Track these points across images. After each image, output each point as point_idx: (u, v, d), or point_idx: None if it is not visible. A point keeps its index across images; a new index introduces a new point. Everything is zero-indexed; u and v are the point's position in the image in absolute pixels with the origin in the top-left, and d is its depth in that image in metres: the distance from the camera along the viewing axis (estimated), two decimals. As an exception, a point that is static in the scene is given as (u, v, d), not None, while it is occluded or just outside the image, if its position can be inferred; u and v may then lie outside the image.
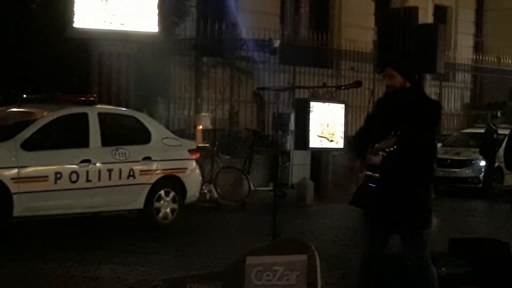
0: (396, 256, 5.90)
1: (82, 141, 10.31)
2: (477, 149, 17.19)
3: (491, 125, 17.08)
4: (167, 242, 9.84)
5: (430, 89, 21.04)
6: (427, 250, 5.74)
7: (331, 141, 15.00)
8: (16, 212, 9.55)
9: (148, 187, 10.73)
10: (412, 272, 5.72)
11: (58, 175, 9.84)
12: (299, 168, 16.00)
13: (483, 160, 16.84)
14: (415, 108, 5.58)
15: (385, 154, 5.39)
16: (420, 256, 5.69)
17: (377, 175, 5.55)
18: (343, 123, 15.23)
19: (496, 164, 16.28)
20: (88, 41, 13.11)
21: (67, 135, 10.47)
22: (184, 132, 15.11)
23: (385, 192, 5.56)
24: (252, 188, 14.17)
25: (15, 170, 9.55)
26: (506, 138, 6.19)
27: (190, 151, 11.51)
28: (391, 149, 5.30)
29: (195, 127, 14.33)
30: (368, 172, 5.59)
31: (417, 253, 5.68)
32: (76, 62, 13.53)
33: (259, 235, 9.76)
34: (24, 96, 10.98)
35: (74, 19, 12.59)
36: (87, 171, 10.10)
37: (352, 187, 5.88)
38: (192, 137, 13.83)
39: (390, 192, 5.57)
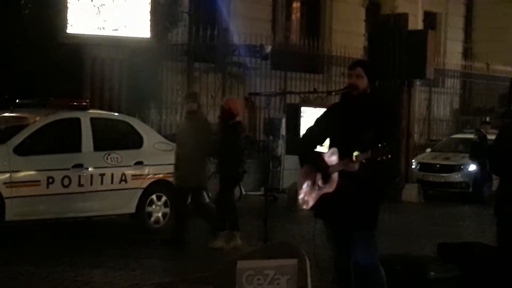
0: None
1: (75, 146, 10.35)
2: (467, 154, 17.25)
3: (482, 130, 17.14)
4: (159, 246, 9.87)
5: (420, 95, 21.15)
6: (377, 252, 5.81)
7: (322, 146, 15.04)
8: (8, 216, 9.58)
9: (140, 192, 10.78)
10: (365, 274, 5.78)
11: (50, 180, 9.88)
12: (290, 173, 16.00)
13: (472, 165, 16.90)
14: (376, 115, 5.66)
15: (364, 161, 5.45)
16: (375, 257, 5.76)
17: (347, 182, 5.58)
18: (333, 129, 15.27)
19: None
20: (81, 47, 13.16)
21: (60, 140, 10.50)
22: (176, 137, 15.12)
23: (342, 196, 5.61)
24: (243, 192, 14.19)
25: (7, 175, 9.59)
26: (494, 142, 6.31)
27: (182, 156, 11.54)
28: (384, 158, 5.36)
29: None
30: (344, 181, 5.61)
31: (374, 255, 5.75)
32: (69, 68, 13.56)
33: (250, 240, 9.81)
34: (17, 101, 11.02)
35: (67, 25, 12.65)
36: (79, 176, 10.14)
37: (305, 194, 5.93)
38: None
39: (349, 194, 5.61)
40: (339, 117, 5.86)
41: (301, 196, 5.97)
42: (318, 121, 6.07)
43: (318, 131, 5.98)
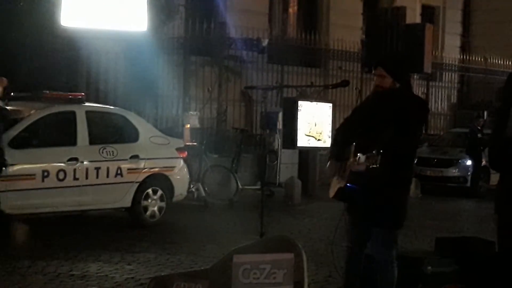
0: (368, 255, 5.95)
1: (70, 139, 10.30)
2: (464, 149, 17.26)
3: (475, 124, 17.18)
4: (155, 240, 9.85)
5: (418, 88, 21.11)
6: (394, 250, 5.82)
7: (319, 140, 15.01)
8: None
9: (135, 186, 10.74)
10: (377, 269, 5.78)
11: (46, 173, 9.84)
12: (287, 167, 16.02)
13: (469, 159, 16.92)
14: (403, 109, 5.63)
15: (369, 165, 5.42)
16: (390, 255, 5.76)
17: (354, 186, 5.58)
18: (330, 122, 15.25)
19: (483, 163, 16.36)
20: (77, 40, 13.10)
21: (55, 133, 10.46)
22: (172, 130, 15.09)
23: (366, 193, 5.60)
24: (240, 186, 14.18)
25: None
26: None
27: (178, 149, 11.53)
28: (374, 166, 5.35)
29: (183, 125, 14.32)
30: (355, 178, 5.60)
31: (388, 252, 5.75)
32: (65, 61, 13.52)
33: (246, 234, 9.79)
34: (12, 94, 10.95)
35: (63, 18, 12.59)
36: (75, 169, 10.09)
37: (334, 182, 5.90)
38: (180, 135, 13.83)
39: (371, 193, 5.60)
40: (368, 112, 5.86)
41: (331, 185, 5.95)
42: (353, 115, 6.06)
43: (352, 125, 5.92)
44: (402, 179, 5.81)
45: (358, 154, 5.43)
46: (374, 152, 5.34)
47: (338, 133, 6.08)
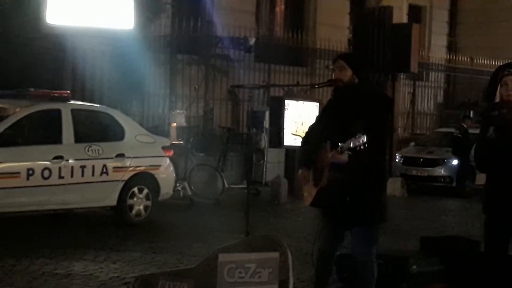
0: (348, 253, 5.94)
1: (55, 138, 10.25)
2: (450, 148, 17.31)
3: (463, 124, 17.24)
4: (140, 239, 9.82)
5: (404, 88, 21.17)
6: (374, 249, 5.81)
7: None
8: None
9: (121, 184, 10.70)
10: (356, 268, 5.78)
11: (31, 172, 9.77)
12: (273, 166, 16.02)
13: (455, 159, 16.97)
14: (366, 104, 5.64)
15: (350, 153, 5.39)
16: (370, 253, 5.75)
17: (338, 175, 5.54)
18: (317, 122, 15.24)
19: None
20: (63, 38, 13.05)
21: (40, 131, 10.41)
22: (158, 129, 15.06)
23: (344, 189, 5.59)
24: (226, 185, 14.16)
25: (-13, 166, 9.49)
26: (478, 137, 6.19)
27: (164, 148, 11.50)
28: (362, 147, 5.31)
29: (169, 124, 14.29)
30: (335, 174, 5.57)
31: (368, 251, 5.74)
32: (50, 58, 13.45)
33: (232, 233, 9.77)
34: (-3, 91, 10.91)
35: (49, 15, 12.54)
36: (60, 168, 10.04)
37: (307, 188, 5.87)
38: (166, 134, 13.80)
39: (349, 189, 5.59)
40: (332, 111, 5.87)
41: (304, 194, 5.94)
42: (319, 119, 6.07)
43: (319, 129, 5.92)
44: (380, 169, 5.80)
45: (340, 144, 5.40)
46: (358, 134, 5.31)
47: (305, 141, 6.07)
